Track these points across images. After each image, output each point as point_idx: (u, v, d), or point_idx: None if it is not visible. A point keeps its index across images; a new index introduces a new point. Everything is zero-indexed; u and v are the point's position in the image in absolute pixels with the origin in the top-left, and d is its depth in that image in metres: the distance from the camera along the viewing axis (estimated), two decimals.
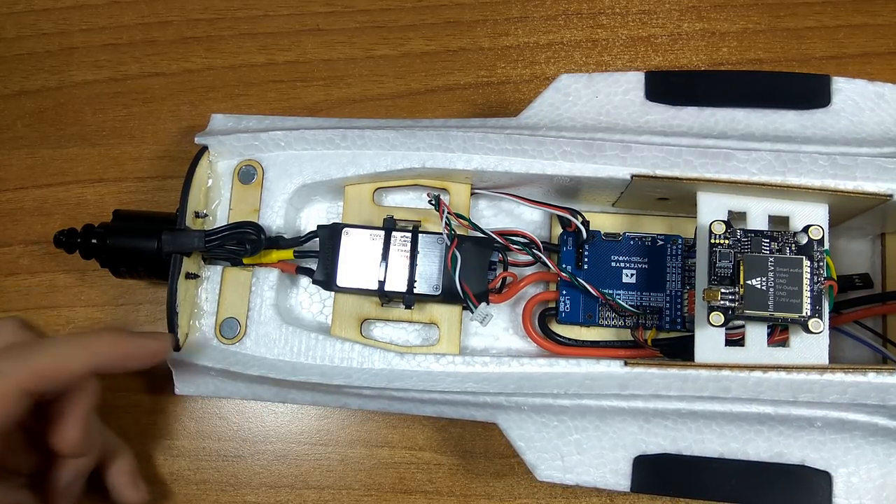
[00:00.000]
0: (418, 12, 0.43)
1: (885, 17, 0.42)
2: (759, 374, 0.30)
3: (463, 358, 0.33)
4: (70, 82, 0.42)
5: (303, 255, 0.34)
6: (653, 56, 0.42)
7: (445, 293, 0.33)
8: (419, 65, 0.42)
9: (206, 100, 0.42)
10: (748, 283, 0.30)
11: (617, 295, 0.35)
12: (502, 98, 0.42)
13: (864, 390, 0.29)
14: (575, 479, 0.32)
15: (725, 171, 0.32)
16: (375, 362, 0.33)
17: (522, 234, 0.35)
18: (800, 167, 0.31)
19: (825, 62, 0.41)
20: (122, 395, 0.38)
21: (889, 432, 0.30)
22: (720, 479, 0.31)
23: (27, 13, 0.43)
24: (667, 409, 0.31)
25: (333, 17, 0.43)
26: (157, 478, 0.38)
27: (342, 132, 0.34)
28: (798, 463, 0.31)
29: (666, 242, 0.36)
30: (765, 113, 0.34)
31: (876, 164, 0.31)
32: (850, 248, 0.37)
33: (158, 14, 0.43)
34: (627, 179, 0.32)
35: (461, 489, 0.37)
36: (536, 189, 0.35)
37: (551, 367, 0.32)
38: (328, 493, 0.38)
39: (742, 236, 0.31)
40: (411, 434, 0.38)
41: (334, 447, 0.38)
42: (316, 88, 0.42)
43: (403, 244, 0.33)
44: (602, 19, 0.42)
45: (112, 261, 0.35)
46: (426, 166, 0.34)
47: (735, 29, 0.42)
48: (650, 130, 0.34)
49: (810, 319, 0.30)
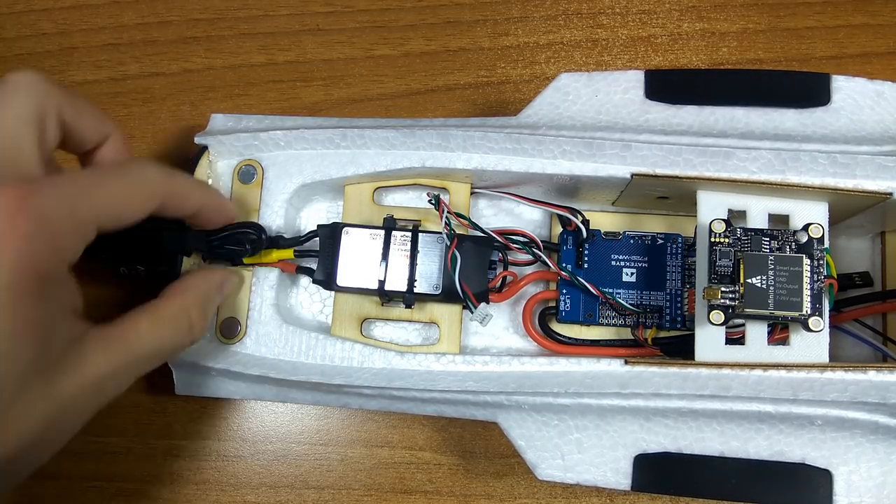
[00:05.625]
0: (418, 12, 0.43)
1: (885, 17, 0.42)
2: (759, 373, 0.30)
3: (463, 357, 0.33)
4: (70, 82, 0.42)
5: (303, 255, 0.34)
6: (653, 56, 0.42)
7: (445, 292, 0.33)
8: (419, 65, 0.42)
9: (206, 100, 0.42)
10: (748, 282, 0.30)
11: (617, 294, 0.35)
12: (502, 98, 0.42)
13: (864, 388, 0.29)
14: (575, 477, 0.32)
15: (725, 169, 0.32)
16: (376, 362, 0.33)
17: (522, 234, 0.35)
18: (800, 165, 0.31)
19: (825, 62, 0.41)
20: (123, 394, 0.38)
21: (889, 430, 0.30)
22: (721, 477, 0.31)
23: (27, 13, 0.43)
24: (667, 408, 0.31)
25: (333, 17, 0.43)
26: (157, 478, 0.38)
27: (342, 132, 0.34)
28: (798, 461, 0.31)
29: (666, 241, 0.36)
30: (764, 111, 0.34)
31: (876, 163, 0.31)
32: (850, 246, 0.37)
33: (158, 14, 0.43)
34: (627, 178, 0.32)
35: (461, 489, 0.37)
36: (536, 188, 0.35)
37: (551, 366, 0.32)
38: (328, 493, 0.38)
39: (742, 235, 0.31)
40: (411, 434, 0.38)
41: (334, 447, 0.38)
42: (316, 88, 0.42)
43: (403, 243, 0.33)
44: (602, 19, 0.43)
45: (112, 261, 0.34)
46: (426, 165, 0.34)
47: (735, 29, 0.42)
48: (650, 129, 0.34)
49: (810, 318, 0.30)
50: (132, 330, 0.27)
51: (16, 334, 0.22)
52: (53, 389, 0.23)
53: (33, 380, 0.23)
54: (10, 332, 0.22)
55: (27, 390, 0.23)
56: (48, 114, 0.26)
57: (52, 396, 0.23)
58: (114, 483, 0.38)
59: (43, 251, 0.23)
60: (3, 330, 0.22)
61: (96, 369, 0.25)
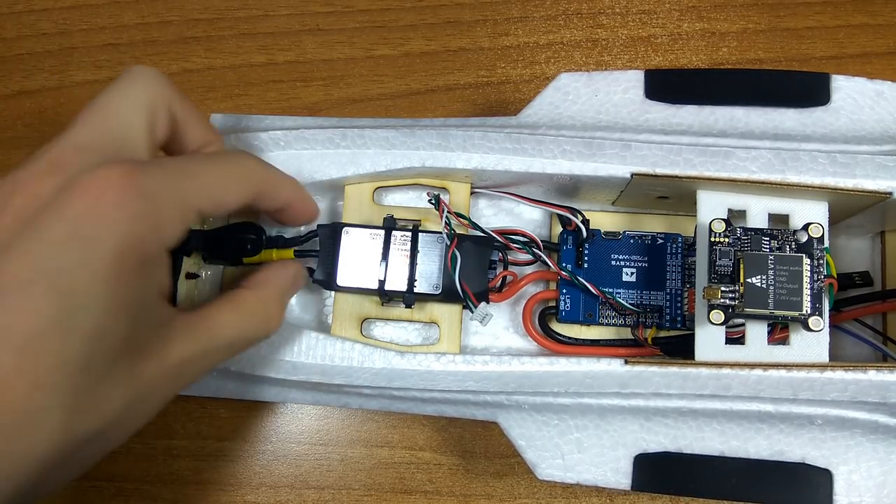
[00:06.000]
0: (418, 12, 0.43)
1: (885, 17, 0.42)
2: (759, 372, 0.30)
3: (463, 357, 0.33)
4: (70, 82, 0.42)
5: (303, 255, 0.34)
6: (653, 56, 0.42)
7: (445, 292, 0.33)
8: (419, 65, 0.42)
9: (206, 100, 0.42)
10: (748, 281, 0.30)
11: (617, 293, 0.35)
12: (502, 98, 0.42)
13: (864, 388, 0.29)
14: (575, 477, 0.32)
15: (725, 169, 0.32)
16: (376, 361, 0.33)
17: (522, 233, 0.35)
18: (799, 165, 0.31)
19: (825, 62, 0.41)
20: None
21: (889, 430, 0.30)
22: (721, 477, 0.31)
23: (27, 13, 0.43)
24: (667, 408, 0.31)
25: (333, 17, 0.43)
26: (157, 478, 0.38)
27: (342, 132, 0.34)
28: (798, 461, 0.31)
29: (666, 241, 0.36)
30: (764, 111, 0.34)
31: (875, 162, 0.31)
32: (849, 246, 0.37)
33: (158, 14, 0.43)
34: (627, 178, 0.32)
35: (461, 489, 0.37)
36: (536, 188, 0.35)
37: (552, 366, 0.32)
38: (328, 493, 0.38)
39: (742, 234, 0.31)
40: (411, 434, 0.38)
41: (334, 447, 0.38)
42: (316, 88, 0.42)
43: (403, 243, 0.33)
44: (602, 19, 0.43)
45: None
46: (426, 165, 0.34)
47: (735, 29, 0.42)
48: (650, 129, 0.34)
49: (810, 317, 0.30)
50: (214, 319, 0.27)
51: (111, 311, 0.22)
52: (139, 372, 0.23)
53: (121, 360, 0.23)
54: (106, 309, 0.22)
55: (115, 370, 0.23)
56: (160, 106, 0.27)
57: (136, 379, 0.23)
58: (113, 483, 0.38)
59: (147, 231, 0.23)
60: (101, 305, 0.22)
61: (179, 355, 0.25)
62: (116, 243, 0.22)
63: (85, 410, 0.22)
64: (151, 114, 0.26)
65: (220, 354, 0.27)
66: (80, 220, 0.22)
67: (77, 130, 0.25)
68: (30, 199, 0.23)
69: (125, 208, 0.22)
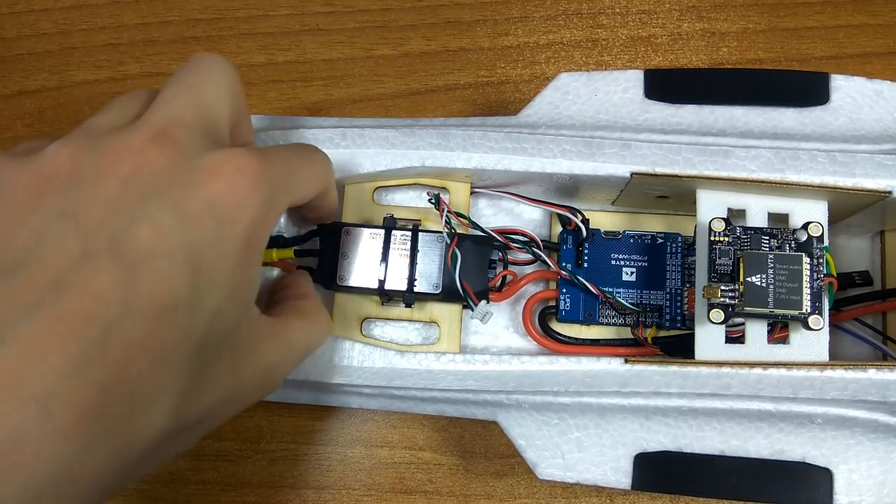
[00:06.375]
0: (418, 12, 0.43)
1: (885, 17, 0.42)
2: (759, 371, 0.30)
3: (463, 356, 0.33)
4: (70, 82, 0.42)
5: (303, 254, 0.34)
6: (653, 56, 0.42)
7: (446, 292, 0.33)
8: (419, 65, 0.42)
9: None
10: (748, 281, 0.30)
11: (617, 293, 0.35)
12: (502, 98, 0.42)
13: (864, 387, 0.29)
14: (575, 476, 0.32)
15: (725, 168, 0.32)
16: (376, 361, 0.33)
17: (522, 233, 0.35)
18: (799, 164, 0.31)
19: (825, 62, 0.41)
20: None
21: (890, 429, 0.30)
22: (721, 476, 0.31)
23: (27, 13, 0.43)
24: (667, 407, 0.31)
25: (333, 17, 0.43)
26: (157, 478, 0.38)
27: (342, 131, 0.34)
28: (799, 460, 0.31)
29: (666, 240, 0.36)
30: (764, 110, 0.34)
31: (875, 161, 0.31)
32: (849, 245, 0.37)
33: (158, 14, 0.43)
34: (627, 177, 0.32)
35: (461, 489, 0.37)
36: (536, 187, 0.35)
37: (552, 365, 0.32)
38: (328, 493, 0.37)
39: (742, 233, 0.31)
40: (411, 434, 0.38)
41: (334, 447, 0.38)
42: (316, 88, 0.42)
43: (403, 243, 0.33)
44: (602, 19, 0.43)
45: None
46: (426, 165, 0.34)
47: (735, 29, 0.42)
48: (649, 128, 0.34)
49: (810, 316, 0.30)
50: (287, 326, 0.26)
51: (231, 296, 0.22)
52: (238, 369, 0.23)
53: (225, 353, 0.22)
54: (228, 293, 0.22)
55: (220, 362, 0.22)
56: (237, 96, 0.26)
57: (234, 375, 0.23)
58: None
59: (269, 221, 0.23)
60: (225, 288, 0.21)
61: (269, 359, 0.24)
62: (246, 227, 0.22)
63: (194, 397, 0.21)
64: (232, 103, 0.26)
65: (292, 364, 0.27)
66: (218, 200, 0.22)
67: (170, 104, 0.24)
68: (142, 167, 0.22)
69: (257, 194, 0.22)
